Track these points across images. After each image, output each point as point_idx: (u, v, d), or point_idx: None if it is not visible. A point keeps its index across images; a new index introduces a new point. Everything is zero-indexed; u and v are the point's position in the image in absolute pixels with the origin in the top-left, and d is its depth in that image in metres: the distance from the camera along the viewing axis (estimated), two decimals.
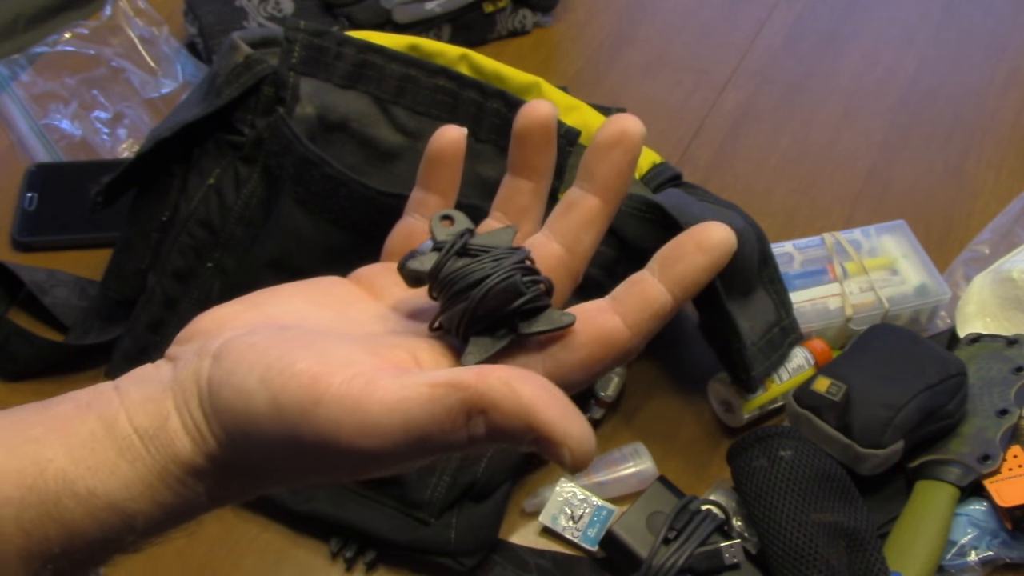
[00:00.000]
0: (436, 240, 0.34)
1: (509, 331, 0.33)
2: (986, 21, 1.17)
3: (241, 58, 0.72)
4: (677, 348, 0.85)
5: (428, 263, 0.34)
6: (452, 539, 0.70)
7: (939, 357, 0.74)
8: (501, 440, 0.29)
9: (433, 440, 0.29)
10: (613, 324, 0.33)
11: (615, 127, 0.34)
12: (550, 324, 0.33)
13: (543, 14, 1.12)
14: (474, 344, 0.33)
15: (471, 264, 0.33)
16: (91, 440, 0.31)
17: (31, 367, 0.80)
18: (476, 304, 0.32)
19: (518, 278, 0.32)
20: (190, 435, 0.32)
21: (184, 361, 0.33)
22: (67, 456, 0.31)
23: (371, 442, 0.29)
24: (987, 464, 0.71)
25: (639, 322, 0.32)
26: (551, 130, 0.37)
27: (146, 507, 0.32)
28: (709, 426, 0.80)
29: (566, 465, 0.28)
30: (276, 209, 0.72)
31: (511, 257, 0.33)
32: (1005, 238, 0.92)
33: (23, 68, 1.02)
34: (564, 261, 0.36)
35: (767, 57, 1.12)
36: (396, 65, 0.73)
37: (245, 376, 0.30)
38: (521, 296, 0.32)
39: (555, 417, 0.28)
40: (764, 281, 0.78)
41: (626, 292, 0.33)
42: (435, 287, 0.34)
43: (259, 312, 0.35)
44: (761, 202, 0.96)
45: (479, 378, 0.28)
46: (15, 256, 0.88)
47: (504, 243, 0.34)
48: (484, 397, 0.28)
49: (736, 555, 0.67)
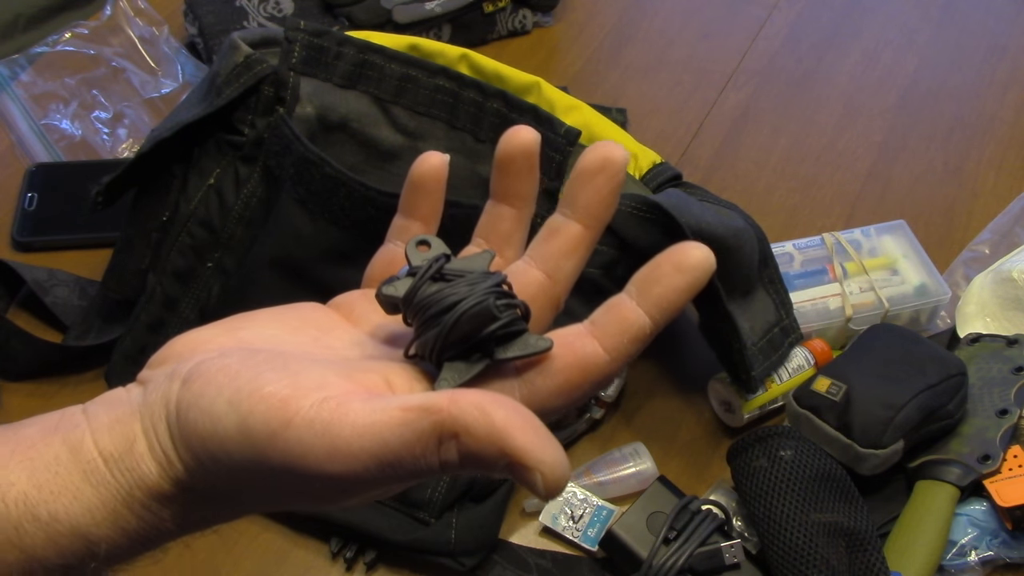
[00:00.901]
0: (411, 266, 0.34)
1: (484, 356, 0.32)
2: (986, 21, 1.17)
3: (241, 58, 0.72)
4: (677, 348, 0.85)
5: (402, 289, 0.33)
6: (452, 539, 0.70)
7: (939, 357, 0.74)
8: (473, 466, 0.28)
9: (404, 465, 0.28)
10: (591, 349, 0.32)
11: (598, 154, 0.34)
12: (526, 349, 0.32)
13: (543, 14, 1.12)
14: (448, 370, 0.32)
15: (445, 289, 0.32)
16: (55, 464, 0.31)
17: (31, 367, 0.80)
18: (449, 329, 0.32)
19: (491, 302, 0.32)
20: (156, 459, 0.31)
21: (154, 384, 0.32)
22: (29, 480, 0.30)
23: (341, 467, 0.28)
24: (987, 464, 0.71)
25: (617, 346, 0.32)
26: (534, 156, 0.36)
27: (109, 533, 0.31)
28: (709, 426, 0.80)
29: (539, 492, 0.27)
30: (276, 209, 0.72)
31: (486, 281, 0.33)
32: (1005, 238, 0.92)
33: (23, 68, 1.02)
34: (545, 288, 0.35)
35: (767, 57, 1.12)
36: (396, 65, 0.73)
37: (214, 399, 0.30)
38: (495, 320, 0.32)
39: (528, 442, 0.27)
40: (764, 281, 0.78)
41: (604, 316, 0.32)
42: (409, 312, 0.33)
43: (234, 336, 0.34)
44: (761, 202, 0.96)
45: (451, 402, 0.28)
46: (15, 256, 0.88)
47: (480, 268, 0.34)
48: (456, 421, 0.28)
49: (736, 555, 0.67)
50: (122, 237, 0.79)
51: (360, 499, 0.31)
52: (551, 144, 0.70)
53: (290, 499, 0.32)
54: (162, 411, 0.31)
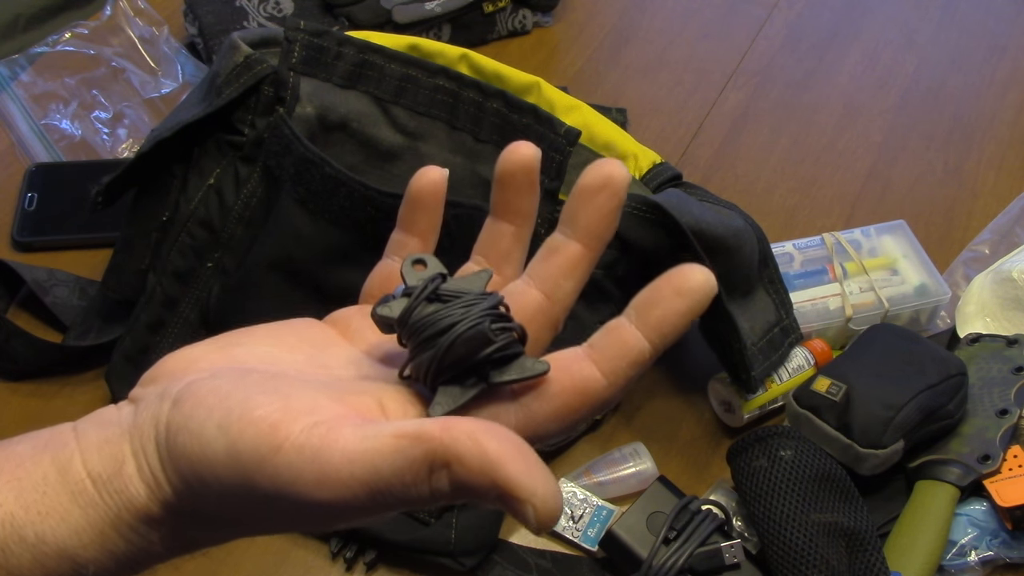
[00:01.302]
0: (407, 286, 0.34)
1: (479, 380, 0.32)
2: (986, 21, 1.17)
3: (241, 58, 0.72)
4: (677, 348, 0.85)
5: (397, 309, 0.33)
6: (452, 539, 0.70)
7: (939, 357, 0.74)
8: (465, 496, 0.28)
9: (395, 493, 0.28)
10: (589, 372, 0.31)
11: (600, 172, 0.33)
12: (522, 373, 0.32)
13: (543, 14, 1.12)
14: (442, 394, 0.32)
15: (440, 311, 0.32)
16: (43, 484, 0.30)
17: (31, 367, 0.80)
18: (443, 352, 0.31)
19: (486, 325, 0.31)
20: (145, 481, 0.31)
21: (145, 404, 0.32)
22: (17, 500, 0.30)
23: (330, 494, 0.28)
24: (987, 464, 0.71)
25: (616, 370, 0.31)
26: (534, 172, 0.35)
27: (97, 555, 0.31)
28: (709, 426, 0.80)
29: (530, 525, 0.27)
30: (276, 209, 0.72)
31: (482, 303, 0.32)
32: (1005, 238, 0.92)
33: (23, 68, 1.02)
34: (543, 308, 0.35)
35: (767, 57, 1.12)
36: (396, 65, 0.73)
37: (204, 421, 0.29)
38: (490, 344, 0.31)
39: (520, 474, 0.27)
40: (764, 281, 0.78)
41: (603, 339, 0.32)
42: (404, 334, 0.33)
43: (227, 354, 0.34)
44: (761, 202, 0.96)
45: (443, 430, 0.27)
46: (15, 256, 0.88)
47: (477, 288, 0.33)
48: (448, 450, 0.27)
49: (736, 555, 0.67)
50: (122, 237, 0.79)
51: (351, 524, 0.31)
52: (551, 144, 0.70)
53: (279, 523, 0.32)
54: (152, 432, 0.31)
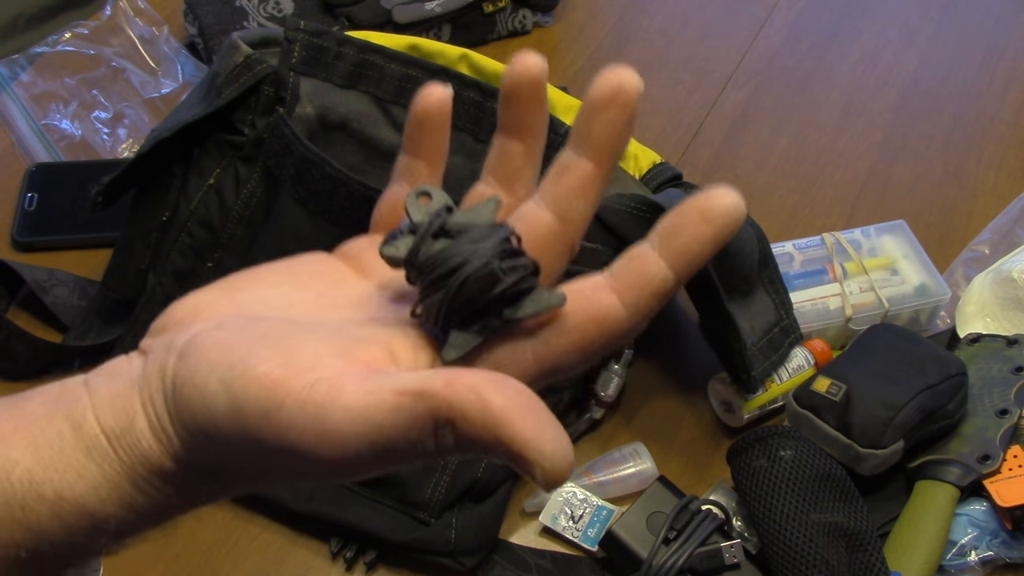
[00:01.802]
0: (412, 222, 0.32)
1: (493, 317, 0.31)
2: (986, 21, 1.17)
3: (241, 58, 0.72)
4: (677, 348, 0.85)
5: (403, 248, 0.32)
6: (452, 539, 0.70)
7: (939, 357, 0.74)
8: (472, 451, 0.27)
9: (399, 449, 0.27)
10: (608, 303, 0.30)
11: (610, 82, 0.31)
12: (537, 307, 0.30)
13: (543, 14, 1.12)
14: (455, 337, 0.31)
15: (448, 249, 0.31)
16: (59, 440, 0.30)
17: (31, 367, 0.80)
18: (452, 294, 0.30)
19: (496, 264, 0.30)
20: (156, 436, 0.30)
21: (153, 355, 0.32)
22: (33, 457, 0.30)
23: (333, 450, 0.28)
24: (987, 464, 0.71)
25: (637, 300, 0.30)
26: (541, 84, 0.33)
27: (116, 510, 0.30)
28: (709, 426, 0.80)
29: (539, 482, 0.26)
30: (276, 209, 0.72)
31: (491, 238, 0.31)
32: (1005, 238, 0.92)
33: (23, 68, 1.02)
34: (556, 231, 0.33)
35: (767, 57, 1.12)
36: (396, 65, 0.73)
37: (207, 376, 0.29)
38: (501, 283, 0.30)
39: (527, 430, 0.26)
40: (764, 281, 0.78)
41: (624, 268, 0.30)
42: (411, 274, 0.32)
43: (235, 299, 0.33)
44: (761, 202, 0.96)
45: (447, 386, 0.27)
46: (15, 256, 0.88)
47: (486, 219, 0.32)
48: (452, 408, 0.26)
49: (736, 555, 0.67)
50: (122, 237, 0.79)
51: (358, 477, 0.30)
52: (551, 144, 0.70)
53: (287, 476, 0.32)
54: (159, 385, 0.31)
